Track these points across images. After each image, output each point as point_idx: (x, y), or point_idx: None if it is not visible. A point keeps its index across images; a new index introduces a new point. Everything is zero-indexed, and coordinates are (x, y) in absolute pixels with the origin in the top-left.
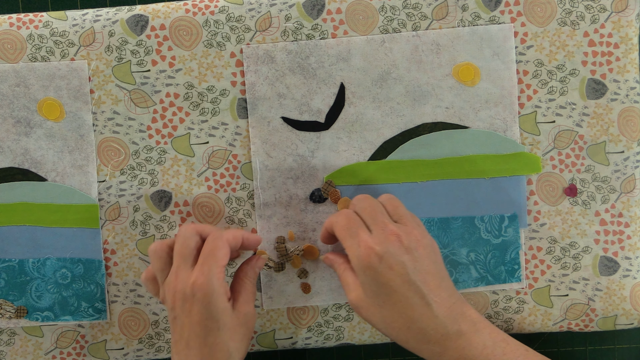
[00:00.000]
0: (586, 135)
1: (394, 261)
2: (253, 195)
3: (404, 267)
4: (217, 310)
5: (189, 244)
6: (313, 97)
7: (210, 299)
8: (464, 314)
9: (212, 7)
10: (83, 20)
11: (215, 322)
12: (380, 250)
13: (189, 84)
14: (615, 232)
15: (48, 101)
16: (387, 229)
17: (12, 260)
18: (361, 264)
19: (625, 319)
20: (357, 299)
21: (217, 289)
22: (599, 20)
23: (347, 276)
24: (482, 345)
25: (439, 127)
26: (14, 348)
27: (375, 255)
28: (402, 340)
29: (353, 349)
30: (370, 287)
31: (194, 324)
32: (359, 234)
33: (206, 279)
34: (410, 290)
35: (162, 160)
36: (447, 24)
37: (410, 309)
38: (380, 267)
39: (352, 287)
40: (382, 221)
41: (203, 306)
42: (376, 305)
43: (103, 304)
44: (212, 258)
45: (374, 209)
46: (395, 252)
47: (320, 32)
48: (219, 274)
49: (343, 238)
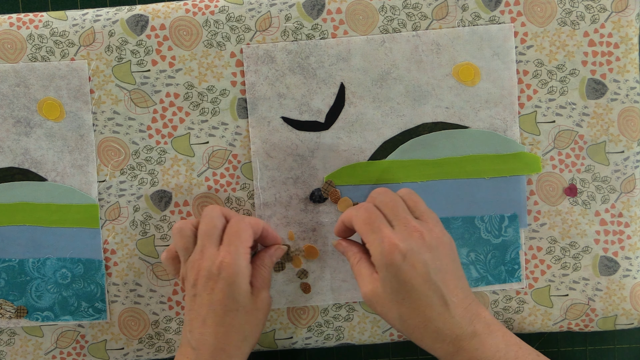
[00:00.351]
0: (586, 135)
1: (416, 259)
2: (253, 195)
3: (425, 265)
4: (240, 291)
5: (216, 224)
6: (313, 97)
7: (235, 278)
8: (479, 315)
9: (212, 7)
10: (83, 20)
11: (235, 303)
12: (404, 247)
13: (189, 84)
14: (615, 232)
15: (48, 101)
16: (409, 226)
17: (12, 260)
18: (384, 260)
19: (625, 319)
20: (373, 293)
21: (243, 270)
22: (599, 20)
23: (362, 267)
24: (495, 348)
25: (439, 127)
26: (14, 348)
27: (399, 252)
28: (417, 338)
29: (353, 349)
30: (390, 284)
31: (215, 302)
32: (382, 229)
33: (233, 259)
34: (431, 290)
35: (162, 160)
36: (447, 24)
37: (428, 308)
38: (403, 265)
39: (367, 279)
40: (404, 217)
41: (227, 285)
42: (394, 301)
43: (103, 304)
44: (238, 239)
45: (396, 203)
46: (419, 249)
47: (320, 32)
48: (245, 254)
49: (365, 232)
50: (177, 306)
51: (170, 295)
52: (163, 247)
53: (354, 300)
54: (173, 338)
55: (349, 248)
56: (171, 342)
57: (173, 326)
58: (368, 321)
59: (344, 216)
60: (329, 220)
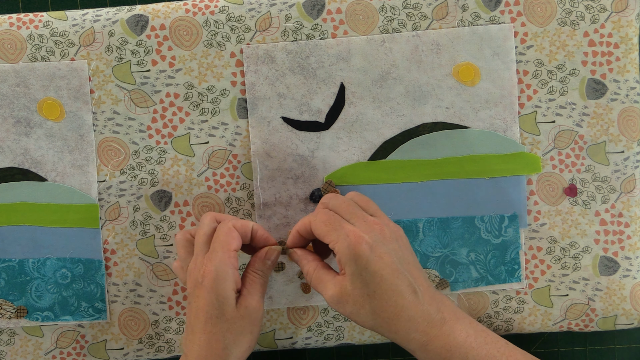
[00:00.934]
0: (586, 135)
1: (382, 250)
2: (253, 195)
3: (391, 255)
4: (219, 297)
5: (205, 231)
6: (313, 97)
7: (214, 284)
8: (444, 303)
9: (212, 7)
10: (83, 20)
11: (215, 310)
12: (369, 239)
13: (189, 84)
14: (615, 232)
15: (48, 101)
16: (368, 220)
17: (12, 260)
18: (352, 253)
19: (625, 319)
20: (341, 292)
21: (222, 275)
22: (599, 20)
23: (321, 274)
24: (465, 333)
25: (439, 127)
26: (14, 348)
27: (366, 243)
28: (391, 331)
29: (353, 349)
30: (360, 277)
31: (199, 309)
32: (344, 226)
33: (213, 265)
34: (399, 279)
35: (162, 160)
36: (447, 24)
37: (400, 297)
38: (371, 256)
39: (331, 283)
40: (361, 214)
41: (207, 292)
42: (365, 296)
43: (103, 304)
44: (219, 243)
45: (349, 204)
46: (382, 241)
47: (320, 32)
48: (227, 259)
49: (326, 232)
50: (177, 306)
51: (170, 295)
52: (163, 247)
53: None
54: (173, 338)
55: (304, 256)
56: (171, 342)
57: (173, 326)
58: None
59: (298, 225)
60: None
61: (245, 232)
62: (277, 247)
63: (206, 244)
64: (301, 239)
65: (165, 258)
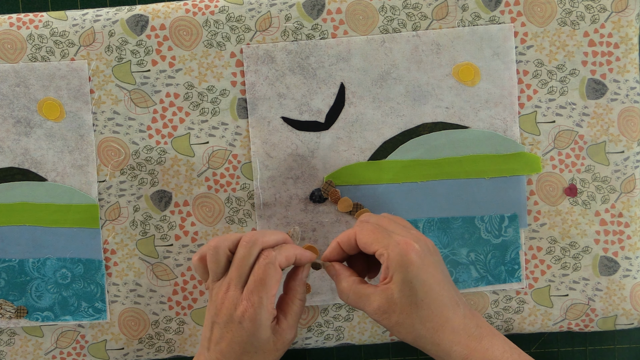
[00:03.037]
0: (586, 135)
1: (430, 260)
2: (253, 195)
3: (437, 267)
4: (260, 340)
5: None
6: (313, 97)
7: (255, 330)
8: (480, 319)
9: (212, 7)
10: (83, 20)
11: (253, 348)
12: (419, 247)
13: (189, 84)
14: (615, 232)
15: (48, 101)
16: (413, 232)
17: (12, 260)
18: (403, 259)
19: (625, 319)
20: (388, 302)
21: (264, 322)
22: (599, 20)
23: (361, 288)
24: (502, 349)
25: (439, 127)
26: (14, 348)
27: (416, 252)
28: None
29: (353, 349)
30: (408, 285)
31: (234, 343)
32: (392, 235)
33: (255, 311)
34: (445, 290)
35: (162, 160)
36: (447, 24)
37: (445, 308)
38: (421, 264)
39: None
40: (403, 228)
41: (247, 334)
42: (412, 304)
43: (103, 304)
44: (263, 288)
45: (390, 219)
46: (429, 251)
47: (320, 32)
48: (269, 305)
49: (374, 240)
50: (177, 306)
51: (170, 295)
52: (163, 247)
53: None
54: (173, 338)
55: (342, 271)
56: (171, 342)
57: (173, 326)
58: (368, 321)
59: (340, 238)
60: (329, 220)
61: (289, 264)
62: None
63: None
64: (340, 252)
65: (165, 258)
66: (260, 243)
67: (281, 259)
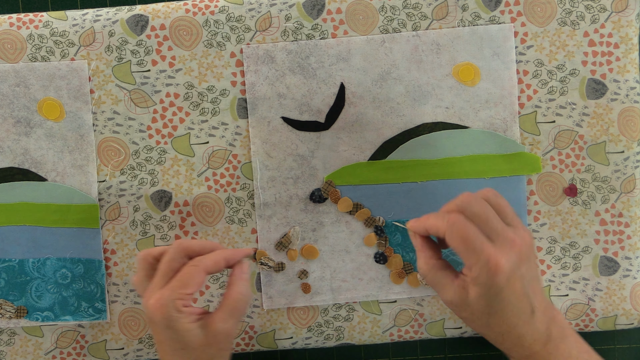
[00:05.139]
0: (586, 135)
1: (517, 275)
2: (253, 195)
3: (522, 281)
4: (179, 331)
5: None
6: (313, 97)
7: (168, 322)
8: (554, 319)
9: (212, 7)
10: (83, 20)
11: (177, 343)
12: (508, 268)
13: (189, 84)
14: (615, 232)
15: (48, 101)
16: (507, 238)
17: (12, 260)
18: (489, 281)
19: (625, 319)
20: (461, 300)
21: (175, 316)
22: (599, 20)
23: (439, 276)
24: (567, 354)
25: (439, 127)
26: (14, 348)
27: (504, 274)
28: (498, 342)
29: (353, 349)
30: (486, 299)
31: (160, 342)
32: (484, 249)
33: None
34: (522, 302)
35: (162, 160)
36: (447, 24)
37: (516, 317)
38: (506, 285)
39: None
40: (500, 228)
41: (163, 328)
42: (484, 312)
43: (103, 304)
44: (179, 285)
45: (488, 214)
46: (518, 264)
47: (320, 32)
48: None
49: (464, 250)
50: None
51: None
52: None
53: (354, 300)
54: None
55: (424, 249)
56: None
57: None
58: (368, 321)
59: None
60: (329, 220)
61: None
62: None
63: (166, 277)
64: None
65: None
66: (184, 247)
67: (207, 262)
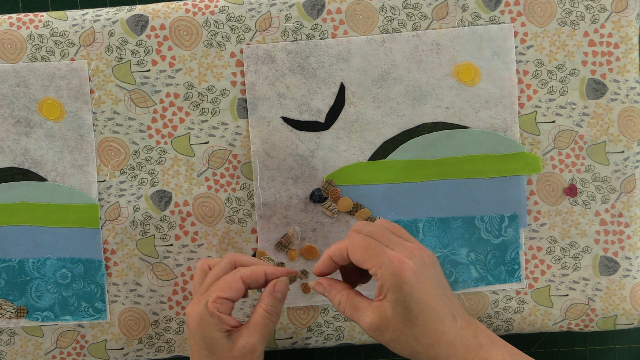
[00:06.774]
0: (586, 135)
1: (425, 275)
2: (253, 195)
3: (432, 282)
4: (205, 337)
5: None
6: (313, 97)
7: (198, 327)
8: (478, 327)
9: (212, 7)
10: (83, 20)
11: (204, 350)
12: (413, 264)
13: (189, 84)
14: (615, 232)
15: (48, 101)
16: (407, 246)
17: (12, 260)
18: (397, 279)
19: (625, 319)
20: (381, 319)
21: (206, 319)
22: (599, 20)
23: (355, 302)
24: (501, 357)
25: (439, 127)
26: (14, 348)
27: (410, 269)
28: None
29: (353, 349)
30: (402, 304)
31: (192, 346)
32: (385, 252)
33: (196, 310)
34: (440, 304)
35: (162, 160)
36: (447, 24)
37: (440, 323)
38: (415, 282)
39: (368, 310)
40: (398, 240)
41: (192, 332)
42: (406, 322)
43: (103, 304)
44: (215, 288)
45: (384, 231)
46: (424, 266)
47: (320, 32)
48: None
49: (367, 257)
50: (177, 306)
51: (170, 295)
52: (163, 247)
53: None
54: (173, 338)
55: (333, 286)
56: (171, 342)
57: (173, 326)
58: None
59: (331, 251)
60: (329, 220)
61: (255, 280)
62: (285, 278)
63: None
64: (332, 264)
65: (165, 258)
66: (233, 259)
67: (245, 271)
